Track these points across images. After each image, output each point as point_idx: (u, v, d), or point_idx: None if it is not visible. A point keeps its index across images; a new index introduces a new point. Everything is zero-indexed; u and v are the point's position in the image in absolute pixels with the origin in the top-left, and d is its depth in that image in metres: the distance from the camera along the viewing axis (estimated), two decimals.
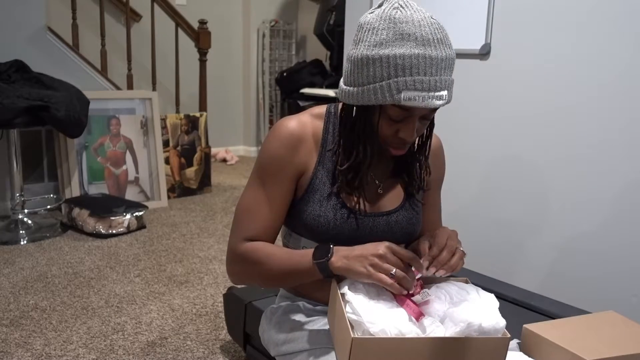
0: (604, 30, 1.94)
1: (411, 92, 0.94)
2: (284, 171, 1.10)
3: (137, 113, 3.78)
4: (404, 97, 0.95)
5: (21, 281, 2.52)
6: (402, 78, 0.95)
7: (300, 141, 1.10)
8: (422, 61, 0.94)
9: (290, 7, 5.70)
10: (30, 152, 3.50)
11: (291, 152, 1.10)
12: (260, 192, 1.11)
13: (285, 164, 1.10)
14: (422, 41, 0.95)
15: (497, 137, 2.31)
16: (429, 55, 0.94)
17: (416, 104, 0.96)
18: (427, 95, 0.95)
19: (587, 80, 2.00)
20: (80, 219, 3.17)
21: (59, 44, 3.52)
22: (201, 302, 2.37)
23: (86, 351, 1.96)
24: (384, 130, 1.03)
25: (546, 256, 2.19)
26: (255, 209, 1.11)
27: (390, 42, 0.95)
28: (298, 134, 1.10)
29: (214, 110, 5.26)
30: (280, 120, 1.13)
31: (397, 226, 1.15)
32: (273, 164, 1.10)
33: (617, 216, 1.97)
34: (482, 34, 2.27)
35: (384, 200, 1.15)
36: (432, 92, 0.95)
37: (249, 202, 1.12)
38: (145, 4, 4.23)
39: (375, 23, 0.99)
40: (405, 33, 0.95)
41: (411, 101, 0.95)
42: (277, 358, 1.22)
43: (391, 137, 1.04)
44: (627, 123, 1.91)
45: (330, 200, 1.10)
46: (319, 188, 1.11)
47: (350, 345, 0.87)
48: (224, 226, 3.41)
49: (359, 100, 1.01)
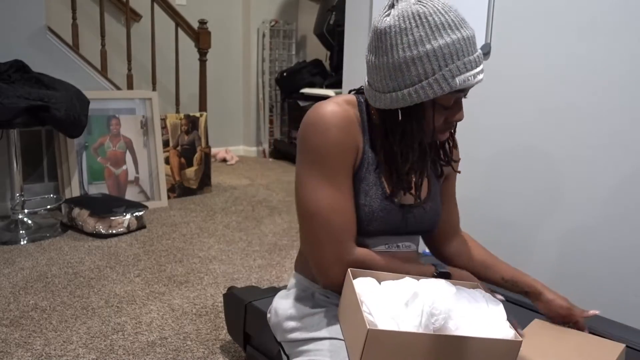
0: (604, 30, 1.94)
1: (464, 75, 1.00)
2: (348, 157, 1.06)
3: (137, 113, 3.78)
4: (459, 81, 0.99)
5: (21, 281, 2.52)
6: (453, 65, 0.99)
7: (351, 123, 1.07)
8: (463, 44, 1.00)
9: (290, 7, 5.70)
10: (30, 152, 3.50)
11: (349, 135, 1.06)
12: (333, 188, 1.04)
13: (347, 149, 1.05)
14: (455, 26, 0.99)
15: (497, 136, 2.32)
16: (466, 36, 1.00)
17: (470, 83, 1.01)
18: (476, 72, 1.01)
19: (587, 80, 2.00)
20: (80, 219, 3.17)
21: (59, 44, 3.52)
22: (201, 302, 2.37)
23: (86, 351, 1.96)
24: (437, 121, 1.06)
25: (546, 256, 2.19)
26: (341, 208, 1.04)
27: (430, 36, 0.99)
28: (348, 116, 1.07)
29: (214, 110, 5.26)
30: (315, 109, 1.06)
31: (426, 216, 1.18)
32: (335, 152, 1.04)
33: (618, 216, 1.97)
34: (482, 34, 2.28)
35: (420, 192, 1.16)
36: (478, 68, 1.02)
37: (329, 203, 1.03)
38: (145, 4, 4.24)
39: (403, 24, 0.99)
40: (440, 23, 0.99)
41: (466, 82, 1.00)
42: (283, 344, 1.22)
43: (442, 125, 1.07)
44: (628, 123, 1.91)
45: (375, 190, 1.10)
46: (365, 177, 1.10)
47: (366, 336, 0.87)
48: (224, 226, 3.41)
49: (412, 101, 1.01)
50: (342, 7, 4.40)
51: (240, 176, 4.77)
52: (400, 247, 1.16)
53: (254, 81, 5.57)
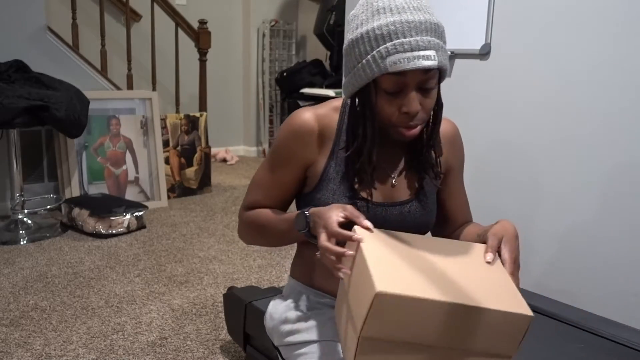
0: (604, 30, 1.94)
1: (395, 56, 0.95)
2: (291, 160, 1.13)
3: (137, 113, 3.78)
4: (389, 62, 0.95)
5: (21, 281, 2.52)
6: (383, 46, 0.96)
7: (311, 134, 1.12)
8: (399, 26, 0.96)
9: (290, 7, 5.70)
10: (30, 152, 3.50)
11: (299, 143, 1.12)
12: (269, 173, 1.17)
13: (292, 154, 1.13)
14: (397, 10, 0.97)
15: (497, 136, 2.32)
16: (405, 20, 0.96)
17: (402, 67, 0.95)
18: (411, 55, 0.95)
19: (586, 80, 2.00)
20: (80, 219, 3.17)
21: (59, 44, 3.52)
22: (201, 302, 2.37)
23: (86, 351, 1.96)
24: (386, 110, 1.02)
25: (545, 256, 2.19)
26: (264, 187, 1.18)
27: (369, 19, 0.98)
28: (309, 127, 1.11)
29: (214, 110, 5.26)
30: (297, 110, 1.15)
31: (410, 217, 1.14)
32: (281, 152, 1.14)
33: (618, 217, 1.97)
34: (482, 34, 2.27)
35: (397, 192, 1.15)
36: (416, 52, 0.95)
37: (259, 180, 1.19)
38: (145, 4, 4.24)
39: (356, 11, 1.03)
40: (380, 8, 0.98)
41: (397, 65, 0.95)
42: (280, 348, 1.22)
43: (396, 116, 1.02)
44: (628, 122, 1.91)
45: (344, 190, 1.10)
46: (333, 177, 1.11)
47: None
48: (224, 226, 3.41)
49: (353, 84, 1.02)
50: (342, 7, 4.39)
51: (240, 176, 4.77)
52: None
53: (254, 81, 5.57)
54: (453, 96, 2.42)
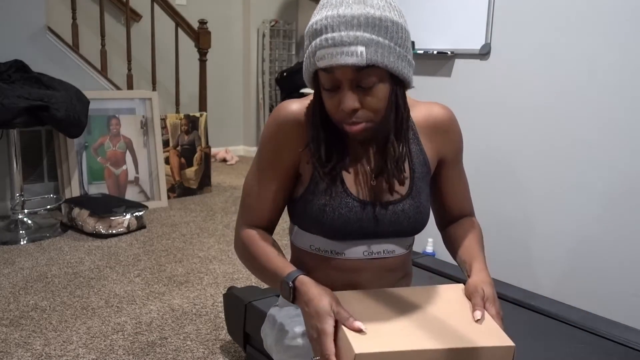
0: (604, 30, 1.94)
1: (321, 52, 0.92)
2: (281, 156, 1.06)
3: (137, 113, 3.78)
4: (317, 58, 0.93)
5: (21, 281, 2.52)
6: (314, 41, 0.94)
7: (300, 125, 1.05)
8: (330, 21, 0.92)
9: (290, 7, 5.70)
10: (30, 152, 3.50)
11: (286, 136, 1.05)
12: (258, 176, 1.10)
13: (281, 149, 1.06)
14: (336, 4, 0.94)
15: (497, 136, 2.32)
16: (337, 14, 0.92)
17: (326, 62, 0.92)
18: (334, 51, 0.91)
19: (586, 80, 2.00)
20: (80, 219, 3.17)
21: (59, 44, 3.52)
22: (201, 302, 2.37)
23: (86, 351, 1.96)
24: (328, 105, 0.99)
25: (545, 256, 2.19)
26: (255, 194, 1.10)
27: (315, 13, 0.96)
28: (297, 118, 1.05)
29: (214, 110, 5.26)
30: (283, 102, 1.08)
31: (404, 215, 1.09)
32: (269, 148, 1.07)
33: (618, 217, 1.97)
34: (482, 34, 2.28)
35: (388, 190, 1.09)
36: (339, 48, 0.91)
37: (249, 186, 1.12)
38: (145, 4, 4.24)
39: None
40: (325, 3, 0.95)
41: (323, 60, 0.92)
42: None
43: (337, 113, 0.98)
44: (628, 122, 1.91)
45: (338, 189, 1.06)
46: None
47: None
48: (224, 226, 3.41)
49: (305, 79, 1.01)
50: None
51: (240, 176, 4.77)
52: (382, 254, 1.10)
53: (254, 81, 5.57)
54: (453, 96, 2.42)
